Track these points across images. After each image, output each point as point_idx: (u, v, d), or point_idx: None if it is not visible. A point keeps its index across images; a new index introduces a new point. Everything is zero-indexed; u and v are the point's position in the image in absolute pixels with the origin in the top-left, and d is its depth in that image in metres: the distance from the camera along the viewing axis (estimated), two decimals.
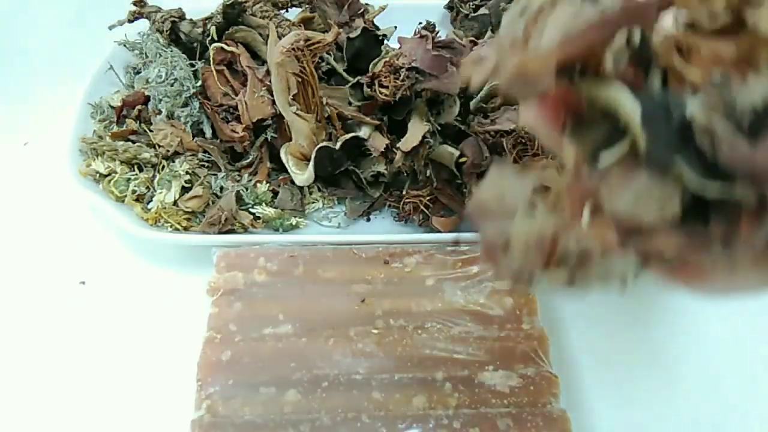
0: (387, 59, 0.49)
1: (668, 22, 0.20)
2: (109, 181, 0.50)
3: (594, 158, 0.19)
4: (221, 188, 0.50)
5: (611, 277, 0.19)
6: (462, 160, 0.48)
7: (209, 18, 0.54)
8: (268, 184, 0.51)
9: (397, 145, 0.49)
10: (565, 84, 0.19)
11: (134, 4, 0.55)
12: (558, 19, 0.18)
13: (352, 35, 0.51)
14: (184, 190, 0.50)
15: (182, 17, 0.54)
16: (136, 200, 0.50)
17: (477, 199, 0.20)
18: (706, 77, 0.18)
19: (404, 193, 0.50)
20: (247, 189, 0.50)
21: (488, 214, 0.20)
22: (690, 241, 0.18)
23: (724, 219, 0.17)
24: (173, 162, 0.51)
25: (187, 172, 0.50)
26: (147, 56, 0.55)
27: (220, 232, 0.48)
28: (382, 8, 0.58)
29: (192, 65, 0.54)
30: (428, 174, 0.49)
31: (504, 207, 0.20)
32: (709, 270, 0.18)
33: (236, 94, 0.52)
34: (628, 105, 0.18)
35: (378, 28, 0.54)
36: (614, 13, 0.17)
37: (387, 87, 0.47)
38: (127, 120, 0.53)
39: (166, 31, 0.54)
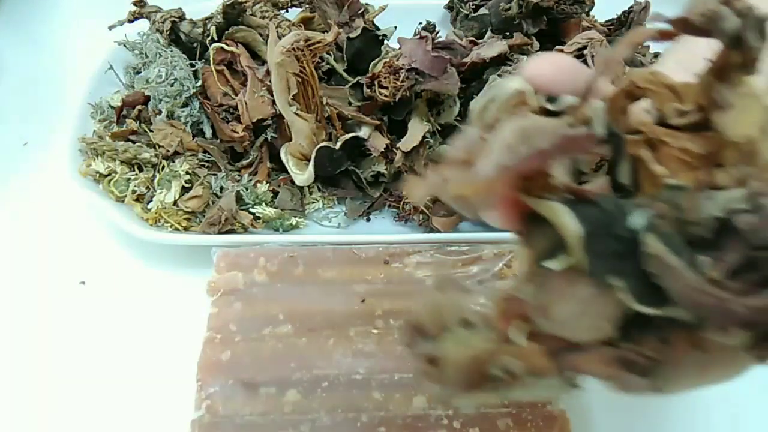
0: (387, 60, 0.49)
1: (641, 109, 0.20)
2: (109, 181, 0.50)
3: (543, 261, 0.18)
4: (221, 188, 0.50)
5: (540, 394, 0.19)
6: None
7: (209, 18, 0.54)
8: (268, 184, 0.51)
9: (397, 145, 0.49)
10: (511, 196, 0.19)
11: (134, 4, 0.55)
12: (498, 145, 0.17)
13: (352, 35, 0.51)
14: (184, 190, 0.50)
15: (182, 17, 0.54)
16: (136, 200, 0.50)
17: (413, 317, 0.19)
18: (671, 175, 0.18)
19: (404, 193, 0.50)
20: (247, 189, 0.50)
21: (423, 332, 0.19)
22: (621, 360, 0.18)
23: (658, 335, 0.17)
24: (173, 162, 0.51)
25: (187, 172, 0.50)
26: (147, 56, 0.55)
27: (220, 232, 0.48)
28: (382, 8, 0.58)
29: (192, 65, 0.54)
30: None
31: (439, 324, 0.19)
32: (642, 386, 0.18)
33: (236, 94, 0.52)
34: (570, 227, 0.17)
35: (378, 28, 0.54)
36: (552, 146, 0.17)
37: (387, 88, 0.47)
38: (127, 120, 0.53)
39: (166, 31, 0.54)
